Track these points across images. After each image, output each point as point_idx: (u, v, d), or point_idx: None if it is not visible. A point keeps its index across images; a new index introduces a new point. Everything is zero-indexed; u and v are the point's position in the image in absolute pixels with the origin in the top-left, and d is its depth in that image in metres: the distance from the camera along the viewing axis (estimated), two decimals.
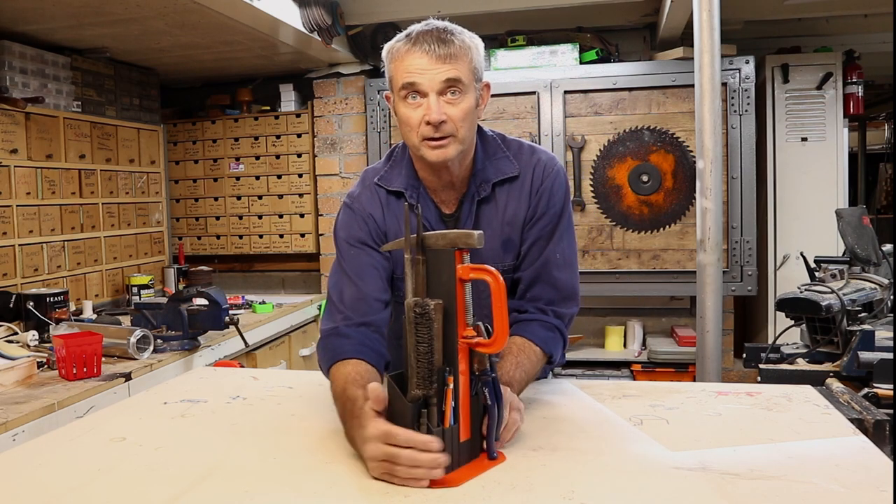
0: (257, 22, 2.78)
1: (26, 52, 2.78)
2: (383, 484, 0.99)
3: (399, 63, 1.27)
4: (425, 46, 1.24)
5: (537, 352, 1.30)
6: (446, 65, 1.24)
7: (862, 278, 2.13)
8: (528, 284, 1.37)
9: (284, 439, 1.19)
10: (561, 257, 1.37)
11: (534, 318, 1.34)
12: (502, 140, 1.42)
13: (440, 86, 1.24)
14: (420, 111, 1.26)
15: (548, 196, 1.37)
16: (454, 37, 1.26)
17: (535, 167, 1.38)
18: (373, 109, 3.58)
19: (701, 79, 2.13)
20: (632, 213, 3.34)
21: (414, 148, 1.32)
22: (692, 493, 0.95)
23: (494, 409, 1.05)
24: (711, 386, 1.49)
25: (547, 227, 1.37)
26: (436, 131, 1.25)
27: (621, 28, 3.55)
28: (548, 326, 1.34)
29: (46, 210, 2.89)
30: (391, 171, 1.41)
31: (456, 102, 1.26)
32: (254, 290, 3.82)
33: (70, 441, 1.21)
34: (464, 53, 1.26)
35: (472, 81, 1.28)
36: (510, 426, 1.10)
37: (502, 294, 1.00)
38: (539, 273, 1.36)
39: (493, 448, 1.06)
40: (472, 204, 1.37)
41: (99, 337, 2.13)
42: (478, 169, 1.37)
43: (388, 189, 1.39)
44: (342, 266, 1.37)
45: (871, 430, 1.35)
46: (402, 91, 1.27)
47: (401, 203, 1.38)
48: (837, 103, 3.36)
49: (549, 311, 1.35)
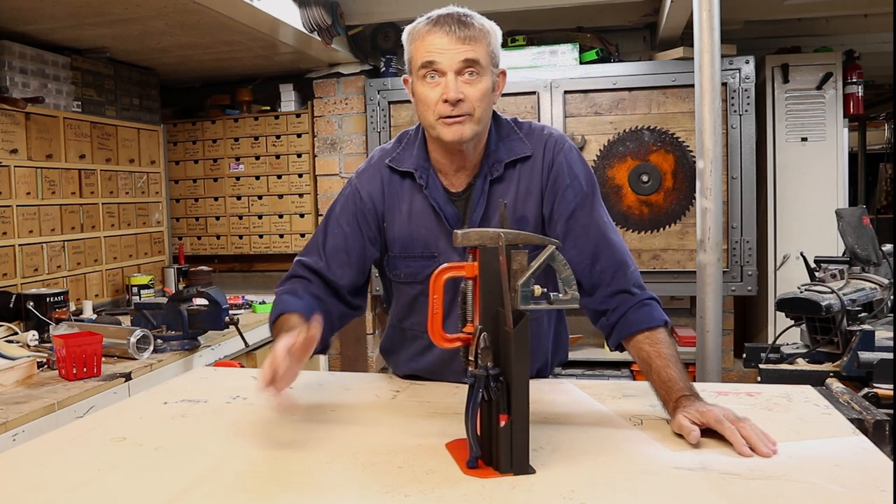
0: (257, 22, 2.78)
1: (26, 52, 2.78)
2: (383, 484, 0.99)
3: (419, 43, 1.31)
4: (445, 27, 1.28)
5: (661, 331, 1.28)
6: (465, 45, 1.27)
7: (862, 278, 2.13)
8: (592, 257, 1.34)
9: (284, 439, 1.19)
10: (610, 223, 1.38)
11: (626, 309, 1.31)
12: (515, 123, 1.44)
13: (459, 65, 1.28)
14: (438, 90, 1.29)
15: (566, 167, 1.38)
16: (474, 20, 1.31)
17: (546, 142, 1.40)
18: (373, 109, 3.58)
19: (701, 79, 2.13)
20: (632, 213, 3.34)
21: (430, 127, 1.34)
22: (692, 493, 0.95)
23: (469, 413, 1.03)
24: (711, 386, 1.49)
25: (578, 195, 1.37)
26: (453, 109, 1.28)
27: (621, 28, 3.55)
28: (640, 305, 1.31)
29: (46, 210, 2.89)
30: (403, 152, 1.44)
31: (473, 83, 1.29)
32: (254, 290, 3.82)
33: (70, 441, 1.21)
34: (482, 36, 1.30)
35: (490, 65, 1.32)
36: (750, 437, 1.07)
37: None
38: (598, 242, 1.34)
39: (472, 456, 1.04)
40: (484, 183, 1.38)
41: (99, 337, 2.13)
42: (490, 150, 1.39)
43: (399, 169, 1.42)
44: (325, 236, 1.44)
45: (871, 430, 1.35)
46: (421, 70, 1.30)
47: (405, 183, 1.41)
48: (837, 103, 3.36)
49: (625, 291, 1.32)
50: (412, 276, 1.42)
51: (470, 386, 1.02)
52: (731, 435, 1.08)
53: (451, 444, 1.12)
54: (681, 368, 1.22)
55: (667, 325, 1.31)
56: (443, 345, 1.07)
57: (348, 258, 1.41)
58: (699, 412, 1.12)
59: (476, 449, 1.02)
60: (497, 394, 1.01)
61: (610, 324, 1.32)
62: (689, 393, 1.18)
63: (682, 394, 1.18)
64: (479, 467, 1.02)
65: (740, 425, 1.09)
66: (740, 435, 1.07)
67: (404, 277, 1.45)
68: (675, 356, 1.24)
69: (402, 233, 1.42)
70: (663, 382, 1.21)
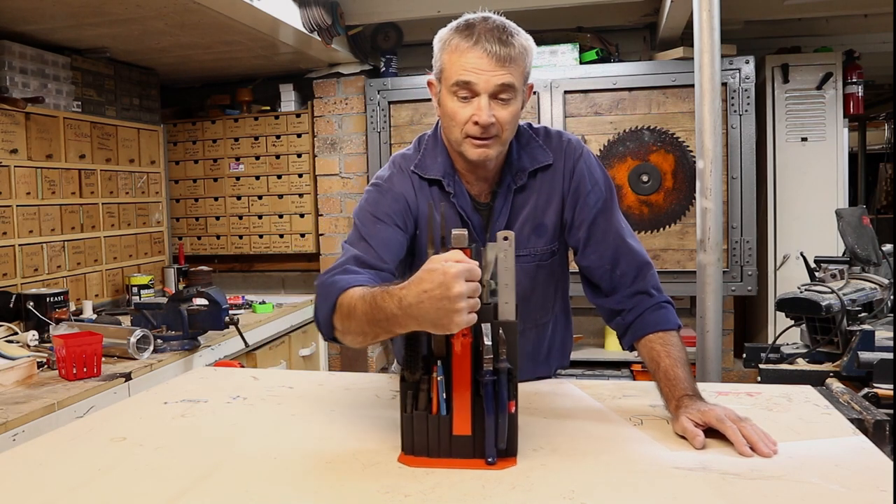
0: (257, 22, 2.78)
1: (26, 52, 2.78)
2: (383, 484, 0.99)
3: (456, 57, 1.26)
4: (486, 46, 1.23)
5: (674, 334, 1.30)
6: (503, 69, 1.23)
7: (862, 278, 2.13)
8: (613, 262, 1.36)
9: (284, 439, 1.19)
10: (627, 226, 1.39)
11: (643, 309, 1.32)
12: (531, 128, 1.43)
13: (494, 89, 1.25)
14: (469, 110, 1.26)
15: (587, 173, 1.39)
16: (514, 39, 1.25)
17: (566, 149, 1.40)
18: (373, 109, 3.58)
19: (701, 79, 2.13)
20: (632, 213, 3.34)
21: (455, 143, 1.32)
22: (692, 493, 0.95)
23: (491, 411, 1.04)
24: (711, 386, 1.49)
25: (599, 201, 1.38)
26: (482, 132, 1.26)
27: (621, 28, 3.55)
28: (657, 307, 1.32)
29: (46, 210, 2.89)
30: (425, 158, 1.41)
31: (505, 106, 1.27)
32: (254, 290, 3.82)
33: (70, 441, 1.21)
34: (521, 58, 1.27)
35: (522, 87, 1.29)
36: (751, 436, 1.07)
37: None
38: (618, 246, 1.36)
39: (492, 452, 1.05)
40: (507, 193, 1.38)
41: (99, 337, 2.13)
42: (513, 159, 1.39)
43: (424, 177, 1.39)
44: (360, 231, 1.31)
45: (871, 430, 1.35)
46: (454, 87, 1.26)
47: (433, 190, 1.39)
48: (837, 103, 3.36)
49: (644, 292, 1.34)
50: None
51: (491, 382, 1.01)
52: (733, 434, 1.08)
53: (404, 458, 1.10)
54: (688, 370, 1.24)
55: (679, 330, 1.32)
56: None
57: (391, 250, 1.31)
58: (700, 412, 1.13)
59: (503, 443, 1.03)
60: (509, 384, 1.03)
61: (626, 323, 1.33)
62: (692, 393, 1.19)
63: (684, 393, 1.19)
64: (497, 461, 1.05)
65: (741, 425, 1.09)
66: (741, 435, 1.08)
67: None
68: (685, 359, 1.26)
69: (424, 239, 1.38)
70: (669, 380, 1.22)
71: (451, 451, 1.06)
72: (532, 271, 1.42)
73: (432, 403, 1.06)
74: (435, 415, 1.06)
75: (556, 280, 1.48)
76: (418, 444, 1.07)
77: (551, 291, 1.49)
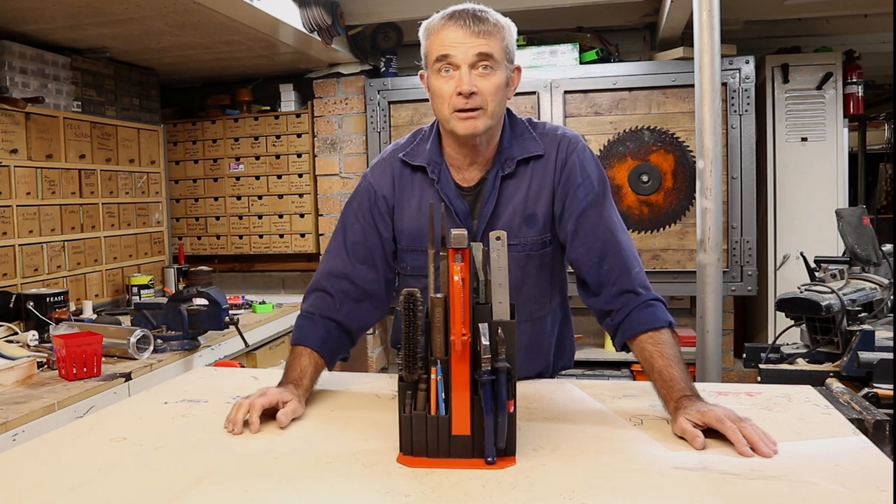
0: (257, 22, 2.78)
1: (26, 52, 2.78)
2: (384, 484, 0.99)
3: (435, 37, 1.33)
4: (460, 21, 1.30)
5: (665, 332, 1.29)
6: (479, 39, 1.29)
7: (862, 278, 2.13)
8: (600, 256, 1.36)
9: (285, 439, 1.19)
10: (620, 225, 1.40)
11: (630, 309, 1.32)
12: (530, 122, 1.46)
13: (473, 59, 1.29)
14: (452, 83, 1.31)
15: (579, 166, 1.40)
16: (488, 15, 1.33)
17: (560, 142, 1.42)
18: (373, 109, 3.58)
19: (701, 79, 2.13)
20: (632, 213, 3.34)
21: (444, 121, 1.36)
22: (692, 493, 0.94)
23: (490, 411, 1.03)
24: (711, 386, 1.49)
25: (589, 195, 1.38)
26: (466, 102, 1.30)
27: (621, 28, 3.55)
28: (644, 305, 1.32)
29: (46, 210, 2.89)
30: (417, 147, 1.46)
31: (487, 76, 1.31)
32: (254, 290, 3.82)
33: (70, 441, 1.21)
34: (497, 31, 1.32)
35: (504, 60, 1.33)
36: (751, 436, 1.07)
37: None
38: (607, 241, 1.36)
39: (491, 452, 1.05)
40: (496, 179, 1.39)
41: (99, 337, 2.13)
42: (504, 147, 1.41)
43: (411, 164, 1.44)
44: (345, 233, 1.47)
45: (871, 430, 1.35)
46: (437, 64, 1.32)
47: (416, 177, 1.43)
48: (837, 103, 3.36)
49: (631, 291, 1.33)
50: (419, 269, 1.43)
51: (490, 381, 1.01)
52: (733, 434, 1.08)
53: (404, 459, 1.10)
54: (683, 369, 1.23)
55: (671, 326, 1.31)
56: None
57: (369, 253, 1.44)
58: (700, 412, 1.13)
59: (503, 442, 1.03)
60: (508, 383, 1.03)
61: (615, 324, 1.33)
62: (691, 393, 1.18)
63: (683, 394, 1.18)
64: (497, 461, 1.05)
65: (741, 425, 1.09)
66: (741, 435, 1.08)
67: (411, 270, 1.46)
68: (678, 357, 1.25)
69: (411, 226, 1.43)
70: (665, 382, 1.21)
71: (450, 451, 1.06)
72: (522, 261, 1.42)
73: (431, 403, 1.06)
74: (434, 415, 1.06)
75: (550, 274, 1.48)
76: (417, 445, 1.07)
77: (545, 284, 1.48)
